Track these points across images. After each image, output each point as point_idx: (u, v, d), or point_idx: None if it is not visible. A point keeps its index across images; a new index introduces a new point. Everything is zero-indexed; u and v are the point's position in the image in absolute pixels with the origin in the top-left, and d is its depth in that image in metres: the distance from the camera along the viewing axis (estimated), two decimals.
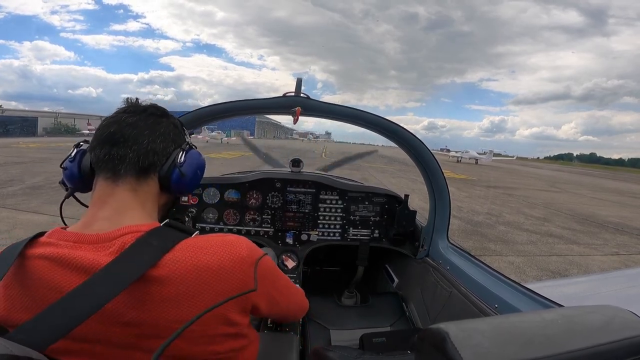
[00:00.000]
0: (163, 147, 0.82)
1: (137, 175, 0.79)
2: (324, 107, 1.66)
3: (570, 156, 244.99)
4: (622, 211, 13.74)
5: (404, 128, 1.70)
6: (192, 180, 0.88)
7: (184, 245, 0.71)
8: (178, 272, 0.67)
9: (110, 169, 0.78)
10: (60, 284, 0.66)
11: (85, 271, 0.66)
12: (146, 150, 0.79)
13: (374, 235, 2.16)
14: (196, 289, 0.68)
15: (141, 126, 0.80)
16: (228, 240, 0.76)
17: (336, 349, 0.72)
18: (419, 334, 0.60)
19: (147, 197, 0.81)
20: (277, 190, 2.11)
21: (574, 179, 35.17)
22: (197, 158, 0.90)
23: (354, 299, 2.17)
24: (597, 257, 6.84)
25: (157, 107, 0.88)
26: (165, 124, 0.85)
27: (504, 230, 8.36)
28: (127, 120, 0.80)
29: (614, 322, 0.60)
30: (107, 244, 0.69)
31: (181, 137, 0.89)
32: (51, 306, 0.62)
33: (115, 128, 0.79)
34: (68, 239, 0.71)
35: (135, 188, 0.79)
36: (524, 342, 0.54)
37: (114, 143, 0.78)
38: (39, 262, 0.68)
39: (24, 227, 5.71)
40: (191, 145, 0.91)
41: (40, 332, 0.58)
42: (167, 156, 0.83)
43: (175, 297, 0.67)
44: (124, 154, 0.77)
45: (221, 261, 0.71)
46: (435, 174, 1.79)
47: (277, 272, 0.93)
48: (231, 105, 1.66)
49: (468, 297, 1.47)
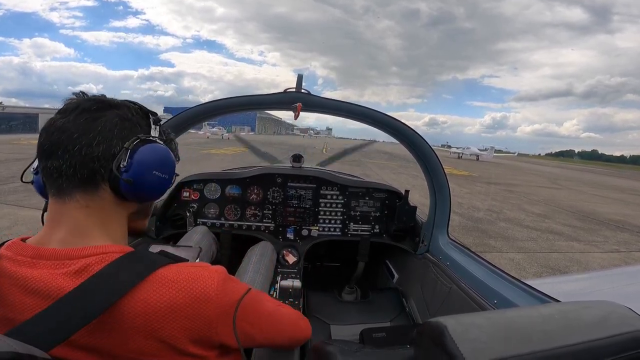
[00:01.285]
0: (104, 149, 0.68)
1: (82, 188, 0.68)
2: (324, 103, 1.65)
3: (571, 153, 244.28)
4: (623, 208, 13.72)
5: (404, 124, 1.70)
6: (150, 185, 0.73)
7: (154, 277, 0.66)
8: (141, 307, 0.63)
9: (52, 185, 0.68)
10: (20, 306, 0.63)
11: (45, 296, 0.62)
12: (81, 157, 0.66)
13: (375, 231, 2.17)
14: (160, 324, 0.64)
15: (70, 129, 0.67)
16: (200, 275, 0.69)
17: (336, 343, 0.73)
18: (418, 328, 0.60)
19: (105, 213, 0.71)
20: (278, 186, 2.11)
21: (575, 176, 35.09)
22: (150, 155, 0.72)
23: (354, 295, 2.18)
24: (597, 254, 6.84)
25: (95, 99, 0.71)
26: (107, 118, 0.69)
27: (505, 227, 8.36)
28: (56, 124, 0.68)
29: (611, 318, 0.60)
30: (66, 262, 0.64)
31: (134, 130, 0.73)
32: (14, 329, 0.59)
33: (44, 137, 0.68)
34: (25, 253, 0.66)
35: (86, 204, 0.69)
36: (522, 337, 0.55)
37: (47, 155, 0.68)
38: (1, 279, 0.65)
39: (26, 224, 5.74)
40: (145, 139, 0.73)
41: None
42: (113, 159, 0.69)
43: (133, 329, 0.63)
44: (58, 166, 0.66)
45: (184, 299, 0.65)
46: (436, 170, 1.79)
47: (260, 308, 0.82)
48: (232, 101, 1.66)
49: (468, 292, 1.48)
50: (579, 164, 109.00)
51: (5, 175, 10.01)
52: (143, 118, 0.77)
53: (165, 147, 0.77)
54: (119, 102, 0.74)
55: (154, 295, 0.64)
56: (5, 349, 0.47)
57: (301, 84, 1.60)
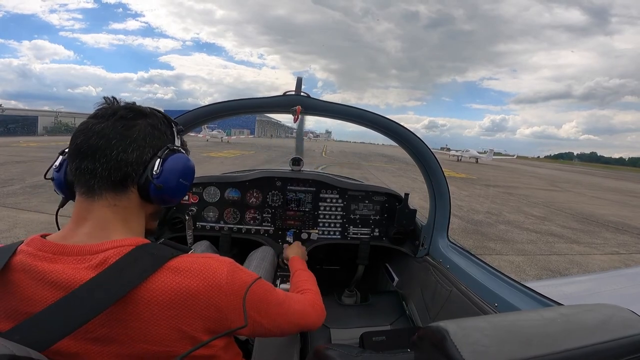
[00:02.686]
0: (137, 155, 0.73)
1: (113, 189, 0.73)
2: (324, 106, 1.65)
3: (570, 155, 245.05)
4: (622, 210, 13.73)
5: (404, 127, 1.70)
6: (175, 191, 0.80)
7: (168, 267, 0.68)
8: (155, 294, 0.65)
9: (83, 184, 0.72)
10: (37, 299, 0.64)
11: (63, 288, 0.64)
12: (117, 162, 0.71)
13: (374, 234, 2.16)
14: (174, 312, 0.66)
15: (109, 134, 0.71)
16: (210, 264, 0.72)
17: (336, 347, 0.72)
18: (419, 332, 0.60)
19: (129, 211, 0.76)
20: (278, 189, 2.11)
21: (574, 178, 35.15)
22: (178, 164, 0.79)
23: (354, 298, 2.18)
24: (597, 256, 6.84)
25: (130, 108, 0.77)
26: (140, 127, 0.75)
27: (504, 229, 8.36)
28: (94, 129, 0.72)
29: (613, 321, 0.60)
30: (87, 257, 0.67)
31: (162, 139, 0.79)
32: (28, 320, 0.61)
33: (82, 139, 0.72)
34: (47, 249, 0.68)
35: (115, 203, 0.73)
36: (523, 341, 0.55)
37: (82, 156, 0.72)
38: (18, 274, 0.66)
39: (25, 226, 5.72)
40: (173, 149, 0.80)
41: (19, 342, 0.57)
42: (145, 165, 0.75)
43: (150, 319, 0.65)
44: (93, 168, 0.71)
45: (199, 286, 0.68)
46: (436, 173, 1.79)
47: (267, 297, 0.84)
48: (231, 104, 1.66)
49: (468, 295, 1.47)
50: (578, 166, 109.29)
51: (4, 178, 9.99)
52: (168, 127, 0.83)
53: (187, 157, 0.84)
54: (149, 110, 0.80)
55: (170, 284, 0.67)
56: (2, 352, 0.47)
57: (300, 87, 1.60)
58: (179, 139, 0.85)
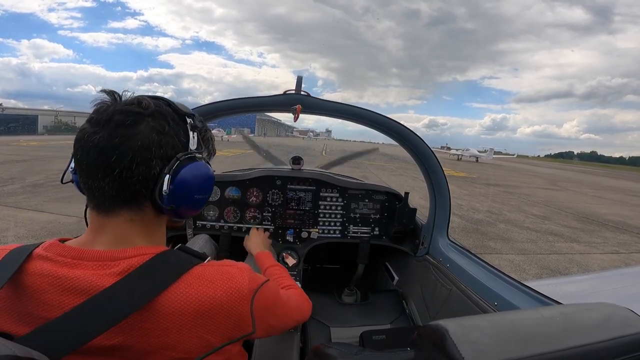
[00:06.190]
0: (143, 170, 0.66)
1: (126, 205, 0.68)
2: (324, 105, 1.65)
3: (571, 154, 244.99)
4: (622, 209, 13.73)
5: (404, 126, 1.70)
6: (190, 208, 0.74)
7: (190, 275, 0.67)
8: (180, 303, 0.64)
9: (94, 200, 0.68)
10: (55, 304, 0.62)
11: (84, 293, 0.62)
12: (122, 181, 0.65)
13: (374, 233, 2.16)
14: (198, 321, 0.65)
15: (107, 149, 0.63)
16: (232, 273, 0.72)
17: (336, 346, 0.72)
18: (419, 330, 0.60)
19: (148, 223, 0.72)
20: (278, 188, 2.11)
21: (575, 177, 35.14)
22: (191, 178, 0.71)
23: (354, 297, 2.18)
24: (597, 255, 6.84)
25: (127, 111, 0.66)
26: (142, 134, 0.65)
27: (504, 228, 8.36)
28: (91, 140, 0.64)
29: (612, 320, 0.60)
30: (109, 263, 0.65)
31: (171, 144, 0.69)
32: (46, 324, 0.59)
33: (81, 154, 0.66)
34: (66, 254, 0.66)
35: (130, 217, 0.69)
36: (523, 339, 0.55)
37: (85, 174, 0.66)
38: (36, 279, 0.64)
39: (25, 226, 5.73)
40: (185, 158, 0.70)
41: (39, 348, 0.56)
42: (154, 180, 0.67)
43: (172, 327, 0.64)
44: (100, 187, 0.65)
45: (223, 295, 0.68)
46: (436, 172, 1.79)
47: (276, 298, 0.86)
48: (231, 103, 1.66)
49: (468, 294, 1.47)
50: (579, 165, 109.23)
51: (4, 177, 10.00)
52: (179, 125, 0.72)
53: (204, 164, 0.74)
54: (153, 108, 0.68)
55: (194, 293, 0.65)
56: (4, 352, 0.47)
57: (301, 86, 1.60)
58: (195, 136, 0.74)
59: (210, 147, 0.86)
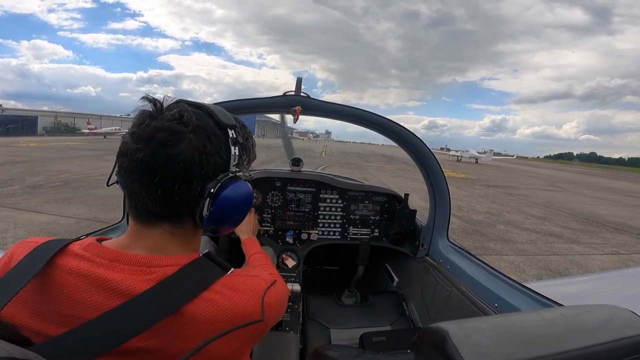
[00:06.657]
0: (185, 191, 0.66)
1: (168, 220, 0.70)
2: (324, 106, 1.65)
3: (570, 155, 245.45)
4: (621, 210, 13.74)
5: (403, 127, 1.70)
6: (229, 225, 0.78)
7: (221, 284, 0.69)
8: (210, 311, 0.65)
9: (135, 210, 0.70)
10: (91, 304, 0.63)
11: (121, 295, 0.63)
12: (164, 199, 0.66)
13: (374, 235, 2.16)
14: (221, 330, 0.66)
15: (149, 168, 0.64)
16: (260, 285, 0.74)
17: (336, 348, 0.72)
18: (419, 333, 0.60)
19: (187, 235, 0.74)
20: (277, 189, 2.11)
21: (574, 178, 35.18)
22: (232, 201, 0.71)
23: (354, 298, 2.17)
24: (597, 256, 6.84)
25: (169, 129, 0.64)
26: (185, 154, 0.65)
27: (504, 230, 8.36)
28: (134, 157, 0.65)
29: (614, 322, 0.60)
30: (145, 269, 0.66)
31: (212, 162, 0.68)
32: (89, 322, 0.60)
33: (125, 170, 0.67)
34: (105, 256, 0.67)
35: (171, 230, 0.71)
36: (524, 341, 0.54)
37: (129, 189, 0.69)
38: (72, 277, 0.64)
39: (24, 227, 5.72)
40: (226, 180, 0.70)
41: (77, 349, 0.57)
42: (196, 199, 0.68)
43: (198, 334, 0.64)
44: (143, 202, 0.67)
45: (253, 306, 0.70)
46: (435, 173, 1.79)
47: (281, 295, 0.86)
48: (231, 104, 1.66)
49: (468, 296, 1.47)
50: (578, 166, 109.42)
51: (4, 178, 9.99)
52: (221, 140, 0.70)
53: (244, 184, 0.75)
54: (195, 123, 0.66)
55: (225, 302, 0.67)
56: (2, 354, 0.46)
57: (300, 87, 1.60)
58: (236, 149, 0.73)
59: (252, 155, 0.85)
